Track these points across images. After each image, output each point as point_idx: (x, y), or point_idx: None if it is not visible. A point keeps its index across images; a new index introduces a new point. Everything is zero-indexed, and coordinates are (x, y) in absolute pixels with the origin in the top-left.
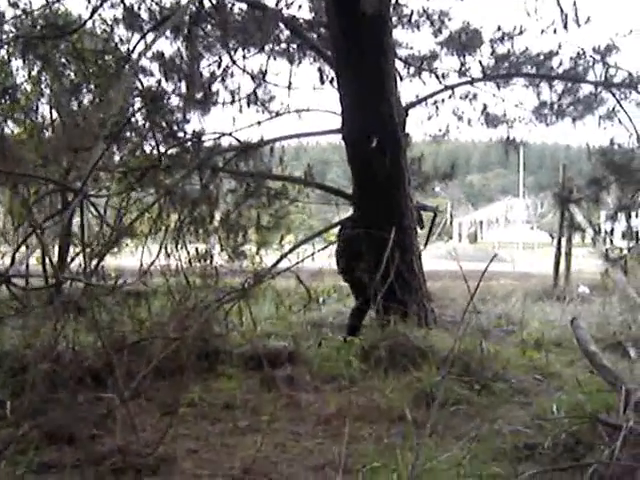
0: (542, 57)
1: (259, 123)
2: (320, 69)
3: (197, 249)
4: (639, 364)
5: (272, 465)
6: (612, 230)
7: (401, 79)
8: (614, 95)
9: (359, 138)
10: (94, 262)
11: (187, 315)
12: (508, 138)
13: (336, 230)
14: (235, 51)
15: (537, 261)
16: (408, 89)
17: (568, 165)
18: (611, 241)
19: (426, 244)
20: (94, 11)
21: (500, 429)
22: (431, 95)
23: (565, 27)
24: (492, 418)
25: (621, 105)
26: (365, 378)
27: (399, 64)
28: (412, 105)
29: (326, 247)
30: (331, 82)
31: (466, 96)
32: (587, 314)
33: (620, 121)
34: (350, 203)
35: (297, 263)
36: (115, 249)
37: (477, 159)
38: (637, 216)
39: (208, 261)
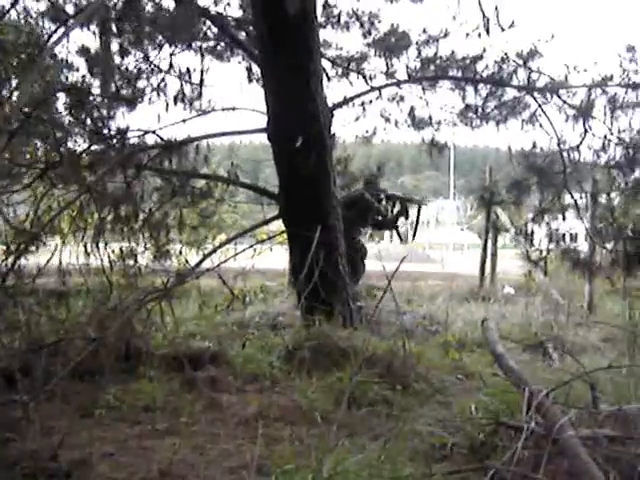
0: (468, 61)
1: (184, 121)
2: (248, 67)
3: (121, 248)
4: (558, 364)
5: (189, 468)
6: (532, 232)
7: (329, 79)
8: (536, 99)
9: (284, 137)
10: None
11: (108, 315)
12: (433, 140)
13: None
14: (161, 48)
15: (466, 262)
16: (337, 90)
17: (497, 168)
18: (532, 243)
19: (414, 237)
20: (15, 2)
21: (419, 429)
22: (358, 96)
23: (487, 31)
24: (411, 418)
25: (542, 109)
26: (288, 379)
27: (327, 64)
28: (339, 105)
29: (251, 246)
30: (257, 81)
31: (393, 98)
32: (511, 314)
33: (541, 125)
34: (276, 203)
35: (220, 263)
36: (34, 247)
37: (409, 161)
38: (564, 219)
39: (132, 260)
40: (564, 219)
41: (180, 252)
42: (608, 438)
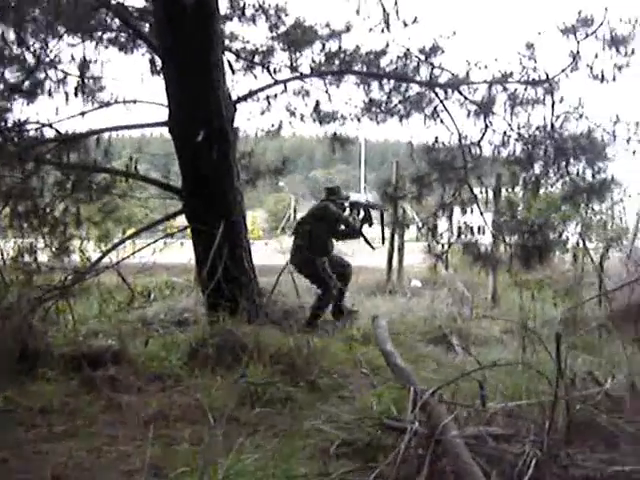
0: (372, 56)
1: (83, 114)
2: (151, 59)
3: (19, 245)
4: (462, 357)
5: (85, 471)
6: (435, 226)
7: (233, 72)
8: (437, 95)
9: (185, 131)
10: None
11: (2, 315)
12: (335, 135)
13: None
14: (60, 37)
15: (376, 255)
16: (242, 83)
17: (408, 162)
18: (434, 236)
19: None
20: None
21: (319, 426)
22: (262, 89)
23: (387, 27)
24: (313, 415)
25: (444, 105)
26: (191, 377)
27: (232, 57)
28: (243, 99)
29: (155, 241)
30: (160, 73)
31: (299, 92)
32: (417, 307)
33: (442, 121)
34: (179, 198)
35: (120, 260)
36: None
37: (321, 155)
38: (472, 212)
39: (30, 257)
40: (464, 213)
41: (80, 249)
42: (493, 436)
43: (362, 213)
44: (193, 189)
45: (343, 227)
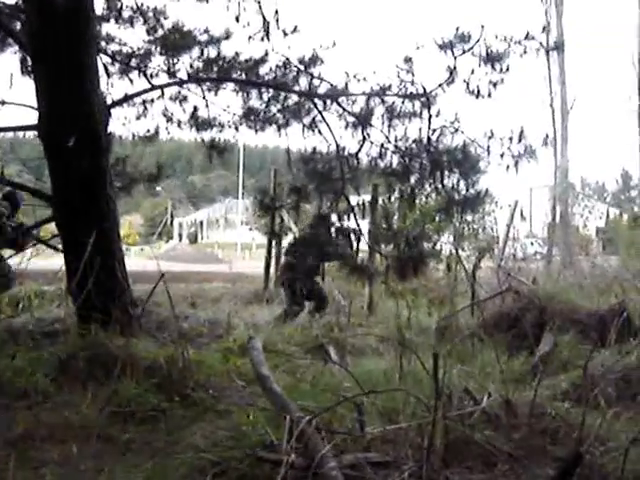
0: (251, 63)
1: None
2: (23, 59)
3: None
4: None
5: None
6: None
7: (108, 76)
8: (316, 106)
9: (56, 136)
10: None
11: None
12: (213, 142)
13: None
14: None
15: (254, 262)
16: (117, 87)
17: (286, 169)
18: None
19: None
20: None
21: (194, 443)
22: (139, 94)
23: (267, 35)
24: (189, 432)
25: (323, 116)
26: (61, 393)
27: (108, 60)
28: (118, 103)
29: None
30: (31, 74)
31: (176, 97)
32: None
33: (320, 132)
34: (48, 205)
35: None
36: None
37: (200, 159)
38: (341, 223)
39: None
40: (341, 224)
41: None
42: (372, 464)
43: None
44: (63, 196)
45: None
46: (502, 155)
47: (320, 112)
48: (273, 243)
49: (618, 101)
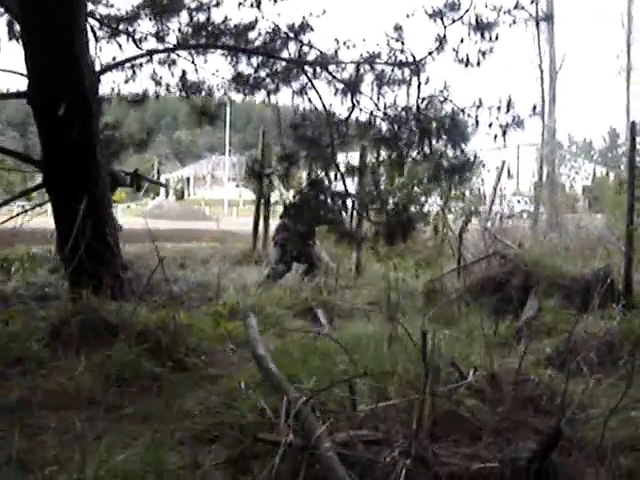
0: (241, 29)
1: None
2: (10, 23)
3: None
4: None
5: None
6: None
7: (97, 40)
8: (306, 73)
9: (45, 103)
10: None
11: None
12: (203, 108)
13: None
14: None
15: (242, 219)
16: (106, 51)
17: (273, 125)
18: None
19: None
20: None
21: (188, 409)
22: (128, 60)
23: (258, 2)
24: (182, 397)
25: (312, 83)
26: (54, 359)
27: (96, 24)
28: (108, 69)
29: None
30: (19, 39)
31: (165, 62)
32: (282, 280)
33: (310, 100)
34: (39, 171)
35: None
36: None
37: (185, 115)
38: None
39: None
40: (330, 189)
41: None
42: (364, 442)
43: None
44: (54, 162)
45: None
46: (490, 125)
47: (309, 79)
48: (262, 202)
49: (607, 59)
